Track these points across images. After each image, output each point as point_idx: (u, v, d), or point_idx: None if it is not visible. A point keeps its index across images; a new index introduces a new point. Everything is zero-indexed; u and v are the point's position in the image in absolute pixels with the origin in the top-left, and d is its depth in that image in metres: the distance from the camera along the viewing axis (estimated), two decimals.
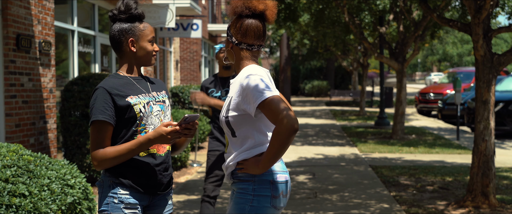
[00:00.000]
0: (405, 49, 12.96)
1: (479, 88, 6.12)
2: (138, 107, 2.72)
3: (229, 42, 2.81)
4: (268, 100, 2.56)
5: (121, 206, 2.69)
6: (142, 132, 2.73)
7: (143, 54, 2.80)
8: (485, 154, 6.06)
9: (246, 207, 2.69)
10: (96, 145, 2.66)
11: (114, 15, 2.79)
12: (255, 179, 2.69)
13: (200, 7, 19.29)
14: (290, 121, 2.51)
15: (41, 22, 7.35)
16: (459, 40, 55.53)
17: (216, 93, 4.97)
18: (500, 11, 12.05)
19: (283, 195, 2.71)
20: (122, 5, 2.77)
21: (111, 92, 2.67)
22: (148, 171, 2.74)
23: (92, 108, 2.67)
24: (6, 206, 3.84)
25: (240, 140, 2.72)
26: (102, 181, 2.75)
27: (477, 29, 5.99)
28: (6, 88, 6.61)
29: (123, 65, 2.82)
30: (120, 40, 2.77)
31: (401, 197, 6.69)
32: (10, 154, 4.22)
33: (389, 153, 10.60)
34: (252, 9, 2.74)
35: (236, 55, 2.81)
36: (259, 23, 2.77)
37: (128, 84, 2.75)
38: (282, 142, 2.54)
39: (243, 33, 2.75)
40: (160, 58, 15.86)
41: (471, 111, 13.90)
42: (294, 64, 37.57)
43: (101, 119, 2.64)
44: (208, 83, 5.08)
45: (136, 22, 2.79)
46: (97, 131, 2.65)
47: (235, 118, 2.70)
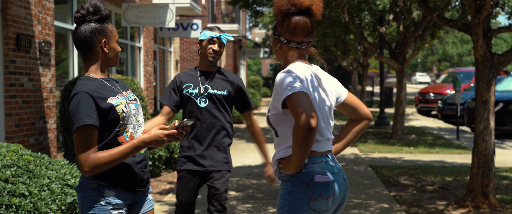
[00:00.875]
0: (405, 49, 12.96)
1: (479, 88, 6.12)
2: (120, 108, 2.71)
3: (278, 42, 2.77)
4: (290, 96, 2.51)
5: (108, 208, 2.68)
6: (123, 132, 2.72)
7: (113, 55, 2.79)
8: (485, 154, 6.06)
9: (284, 209, 2.64)
10: (85, 150, 2.59)
11: (82, 16, 2.73)
12: (292, 179, 2.63)
13: (200, 7, 19.29)
14: (306, 119, 2.43)
15: (41, 22, 7.35)
16: (459, 40, 55.52)
17: (193, 90, 3.99)
18: (500, 11, 12.05)
19: (324, 197, 2.60)
20: (91, 6, 2.73)
21: (93, 95, 2.64)
22: (131, 169, 2.74)
23: (74, 112, 2.60)
24: (6, 206, 3.84)
25: (280, 139, 2.70)
26: (84, 184, 2.71)
27: (477, 29, 5.99)
28: (6, 88, 6.61)
29: (92, 67, 2.76)
30: (92, 41, 2.72)
31: (401, 197, 6.69)
32: (10, 154, 4.22)
33: (389, 153, 10.60)
34: (298, 6, 2.69)
35: (284, 54, 2.77)
36: (306, 19, 2.72)
37: (104, 86, 2.73)
38: (299, 140, 2.47)
39: (291, 31, 2.71)
40: (160, 58, 15.86)
41: (471, 111, 13.90)
42: None
43: (89, 123, 2.59)
44: (185, 76, 4.07)
45: (104, 23, 2.77)
46: (85, 135, 2.60)
47: (273, 117, 2.68)
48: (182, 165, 3.99)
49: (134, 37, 12.58)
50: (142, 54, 12.89)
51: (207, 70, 4.06)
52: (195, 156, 3.95)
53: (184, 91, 4.00)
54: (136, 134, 2.78)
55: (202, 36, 4.02)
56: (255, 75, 60.71)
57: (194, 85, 4.00)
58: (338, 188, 2.66)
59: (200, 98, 3.97)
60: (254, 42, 40.71)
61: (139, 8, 10.98)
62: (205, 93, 3.97)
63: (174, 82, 4.07)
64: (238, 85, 4.08)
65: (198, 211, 6.01)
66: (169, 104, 3.98)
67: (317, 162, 2.63)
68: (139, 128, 2.81)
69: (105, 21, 2.77)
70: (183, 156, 4.00)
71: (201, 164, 3.95)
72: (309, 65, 2.74)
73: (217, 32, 4.03)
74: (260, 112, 22.39)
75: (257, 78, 34.41)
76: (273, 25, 2.80)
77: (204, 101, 3.96)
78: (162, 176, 8.30)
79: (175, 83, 4.06)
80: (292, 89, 2.52)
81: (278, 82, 2.60)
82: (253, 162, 9.55)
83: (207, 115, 3.95)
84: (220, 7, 28.97)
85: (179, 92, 4.03)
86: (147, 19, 11.07)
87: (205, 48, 4.01)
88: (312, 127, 2.44)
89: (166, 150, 8.16)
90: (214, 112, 3.96)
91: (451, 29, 41.48)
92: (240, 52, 35.43)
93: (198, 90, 3.98)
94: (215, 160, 3.95)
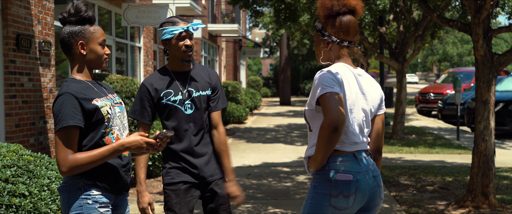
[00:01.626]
0: (405, 49, 12.96)
1: (479, 88, 6.12)
2: (105, 109, 2.74)
3: (326, 42, 2.82)
4: (323, 95, 2.60)
5: (96, 206, 2.70)
6: (109, 134, 2.75)
7: (94, 57, 2.79)
8: (485, 154, 6.06)
9: (307, 203, 2.76)
10: (65, 151, 2.62)
11: (64, 18, 2.77)
12: (317, 176, 2.75)
13: (200, 7, 19.29)
14: (332, 117, 2.53)
15: (41, 22, 7.35)
16: (459, 40, 55.52)
17: (175, 97, 3.40)
18: (500, 11, 12.05)
19: (344, 195, 2.67)
20: (72, 7, 2.76)
21: (77, 96, 2.67)
22: (116, 171, 2.78)
23: (58, 113, 2.63)
24: (6, 206, 3.84)
25: (312, 133, 2.79)
26: (68, 184, 2.73)
27: (477, 29, 5.99)
28: (6, 88, 6.61)
29: (75, 68, 2.80)
30: (69, 42, 2.75)
31: (401, 197, 6.69)
32: (10, 154, 4.22)
33: (389, 153, 10.60)
34: (348, 6, 2.78)
35: (335, 53, 2.83)
36: (354, 19, 2.81)
37: (89, 88, 2.76)
38: (324, 137, 2.57)
39: (345, 30, 2.79)
40: (160, 58, 15.85)
41: (471, 111, 13.90)
42: (294, 64, 37.57)
43: (73, 124, 2.62)
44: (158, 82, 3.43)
45: (86, 24, 2.78)
46: (67, 136, 2.62)
47: (309, 113, 2.78)
48: (176, 177, 3.41)
49: (134, 37, 12.57)
50: (142, 54, 12.89)
51: (182, 70, 3.45)
52: (190, 167, 3.41)
53: (164, 101, 3.38)
54: (121, 136, 2.82)
55: (167, 34, 3.36)
56: (255, 75, 60.71)
57: (175, 91, 3.40)
58: (362, 185, 2.72)
59: (185, 104, 3.40)
60: (254, 42, 40.71)
61: (139, 8, 10.98)
62: (189, 98, 3.41)
63: (145, 92, 3.40)
64: (216, 81, 3.53)
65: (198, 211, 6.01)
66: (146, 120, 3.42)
67: (342, 160, 2.71)
68: (124, 130, 2.85)
69: (87, 22, 2.79)
70: (174, 167, 3.42)
71: (200, 175, 3.42)
72: (352, 68, 2.81)
73: (183, 24, 3.38)
74: (260, 112, 22.38)
75: (257, 78, 34.41)
76: (318, 27, 2.83)
77: (190, 107, 3.41)
78: None
79: (147, 93, 3.40)
80: (326, 88, 2.61)
81: (316, 81, 2.68)
82: (253, 162, 9.55)
83: (195, 122, 3.41)
84: (220, 7, 28.96)
85: (156, 102, 3.40)
86: (147, 19, 11.07)
87: (175, 47, 3.36)
88: (337, 127, 2.53)
89: None
90: (199, 117, 3.42)
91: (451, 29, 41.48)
92: (240, 52, 35.43)
93: (181, 96, 3.40)
94: (213, 168, 3.47)
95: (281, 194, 6.98)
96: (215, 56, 26.99)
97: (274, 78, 40.08)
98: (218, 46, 27.80)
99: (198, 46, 20.70)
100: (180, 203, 3.39)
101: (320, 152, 2.63)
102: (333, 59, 2.82)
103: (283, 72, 27.10)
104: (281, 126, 16.32)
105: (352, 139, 2.74)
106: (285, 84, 26.98)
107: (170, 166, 3.43)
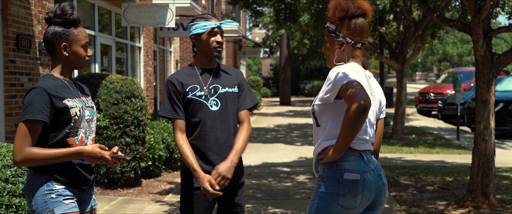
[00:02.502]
0: (405, 49, 12.96)
1: (479, 88, 6.12)
2: (74, 110, 2.80)
3: (340, 44, 2.85)
4: (347, 83, 2.61)
5: (60, 199, 2.75)
6: (74, 135, 2.81)
7: (75, 59, 2.86)
8: (485, 154, 6.06)
9: (314, 204, 2.76)
10: (23, 142, 2.68)
11: (49, 18, 2.83)
12: (324, 175, 2.75)
13: (200, 7, 19.29)
14: (361, 98, 2.53)
15: (41, 22, 7.35)
16: (459, 40, 55.52)
17: (200, 92, 3.31)
18: (500, 11, 12.05)
19: (352, 195, 2.69)
20: (58, 9, 2.81)
21: (49, 93, 2.73)
22: (76, 168, 2.83)
23: (28, 105, 2.70)
24: (6, 206, 3.84)
25: (321, 130, 2.80)
26: (31, 183, 2.78)
27: (477, 29, 5.99)
28: (6, 88, 6.61)
29: (56, 67, 2.87)
30: (53, 43, 2.82)
31: (401, 197, 6.69)
32: (10, 154, 4.22)
33: (389, 153, 10.60)
34: (362, 9, 2.83)
35: (347, 55, 2.85)
36: (366, 21, 2.86)
37: (64, 87, 2.82)
38: (351, 120, 2.55)
39: (359, 32, 2.83)
40: (160, 58, 15.85)
41: (471, 111, 13.90)
42: (294, 64, 37.57)
43: (39, 118, 2.68)
44: (184, 77, 3.34)
45: (71, 27, 2.84)
46: (29, 128, 2.69)
47: (319, 107, 2.79)
48: (195, 182, 3.29)
49: (134, 37, 12.57)
50: (142, 54, 12.89)
51: (208, 67, 3.39)
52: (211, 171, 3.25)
53: (190, 95, 3.28)
54: (86, 140, 2.87)
55: (198, 29, 3.30)
56: (255, 75, 60.69)
57: (200, 87, 3.31)
58: (369, 184, 2.73)
59: (210, 101, 3.30)
60: (254, 42, 40.72)
61: (139, 8, 10.98)
62: (215, 94, 3.32)
63: (172, 87, 3.31)
64: (242, 79, 3.47)
65: None
66: (180, 116, 3.29)
67: (349, 160, 2.73)
68: (90, 134, 2.91)
69: (71, 25, 2.84)
70: None
71: None
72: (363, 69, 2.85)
73: (215, 20, 3.34)
74: (260, 112, 22.38)
75: (257, 78, 34.42)
76: (332, 29, 2.85)
77: (216, 104, 3.30)
78: (162, 176, 8.30)
79: (174, 88, 3.31)
80: (347, 78, 2.63)
81: (332, 75, 2.70)
82: (253, 162, 9.55)
83: (220, 120, 3.29)
84: (220, 7, 28.97)
85: (182, 97, 3.30)
86: (147, 19, 11.07)
87: (206, 42, 3.30)
88: (367, 107, 2.53)
89: (166, 150, 8.15)
90: (226, 114, 3.31)
91: (451, 29, 41.49)
92: (240, 52, 35.43)
93: (206, 92, 3.31)
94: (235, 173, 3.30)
95: (281, 194, 6.98)
96: None
97: (274, 78, 40.08)
98: None
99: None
100: (199, 207, 3.29)
101: (344, 136, 2.61)
102: (346, 60, 2.85)
103: (283, 72, 27.11)
104: (281, 126, 16.32)
105: (364, 136, 2.78)
106: (285, 84, 26.98)
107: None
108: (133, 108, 7.02)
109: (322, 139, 2.79)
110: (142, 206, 6.38)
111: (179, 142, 3.25)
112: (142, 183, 7.71)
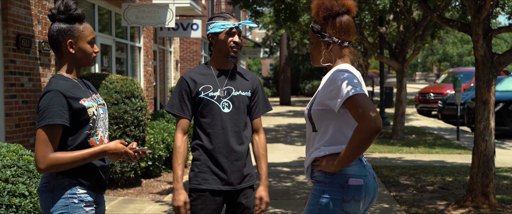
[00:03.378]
0: (405, 49, 12.96)
1: (479, 88, 6.12)
2: (91, 110, 2.73)
3: (327, 44, 2.76)
4: (356, 96, 2.53)
5: (82, 205, 2.70)
6: (94, 135, 2.75)
7: (82, 56, 2.77)
8: (485, 154, 6.06)
9: (315, 209, 2.67)
10: (45, 148, 2.60)
11: (53, 14, 2.73)
12: (326, 181, 2.67)
13: (200, 7, 19.29)
14: (374, 120, 2.48)
15: (41, 22, 7.35)
16: (459, 40, 55.52)
17: (213, 92, 3.27)
18: (500, 11, 12.04)
19: (356, 200, 2.64)
20: (62, 5, 2.72)
21: (66, 95, 2.64)
22: (99, 171, 2.79)
23: (45, 109, 2.60)
24: (6, 206, 3.84)
25: (319, 135, 2.71)
26: (51, 184, 2.70)
27: (477, 29, 5.99)
28: (6, 88, 6.61)
29: (63, 66, 2.77)
30: (58, 40, 2.73)
31: (401, 197, 6.69)
32: (10, 154, 4.22)
33: (389, 153, 10.60)
34: (346, 6, 2.75)
35: (335, 55, 2.78)
36: (351, 18, 2.78)
37: (77, 87, 2.74)
38: (362, 140, 2.50)
39: (345, 30, 2.75)
40: (160, 58, 15.86)
41: (471, 111, 13.90)
42: (294, 64, 37.58)
43: (59, 122, 2.60)
44: (198, 76, 3.30)
45: (75, 23, 2.75)
46: (51, 134, 2.60)
47: (317, 112, 2.70)
48: (203, 183, 3.25)
49: (134, 37, 12.57)
50: (142, 54, 12.89)
51: (224, 68, 3.34)
52: (219, 170, 3.26)
53: (202, 95, 3.25)
54: (104, 138, 2.82)
55: (216, 28, 3.26)
56: None
57: (214, 87, 3.27)
58: (369, 188, 2.70)
59: (223, 102, 3.27)
60: (254, 42, 40.73)
61: (139, 8, 10.98)
62: (228, 96, 3.28)
63: (185, 85, 3.27)
64: (257, 84, 3.42)
65: None
66: (186, 115, 3.27)
67: (351, 165, 2.67)
68: (105, 132, 2.85)
69: (75, 21, 2.75)
70: (202, 172, 3.27)
71: (230, 182, 3.27)
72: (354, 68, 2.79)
73: (234, 20, 3.30)
74: None
75: None
76: (317, 29, 2.78)
77: (228, 106, 3.27)
78: (162, 176, 8.30)
79: (187, 86, 3.27)
80: (355, 90, 2.55)
81: (336, 80, 2.61)
82: (253, 162, 9.54)
83: (231, 122, 3.27)
84: (220, 7, 28.97)
85: (194, 96, 3.27)
86: (147, 19, 11.06)
87: (224, 42, 3.26)
88: (380, 129, 2.49)
89: (166, 150, 8.15)
90: (237, 117, 3.28)
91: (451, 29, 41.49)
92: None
93: (219, 93, 3.27)
94: (244, 175, 3.32)
95: (281, 194, 6.98)
96: None
97: (274, 78, 40.08)
98: None
99: (198, 46, 20.70)
100: (206, 209, 3.26)
101: (351, 154, 2.54)
102: (333, 60, 2.77)
103: (283, 72, 27.11)
104: (281, 125, 16.32)
105: None
106: (285, 84, 26.98)
107: (198, 170, 3.28)
108: (133, 108, 7.02)
109: (320, 144, 2.70)
110: (142, 206, 6.38)
111: (177, 143, 3.26)
112: (142, 183, 7.72)
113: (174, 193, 3.22)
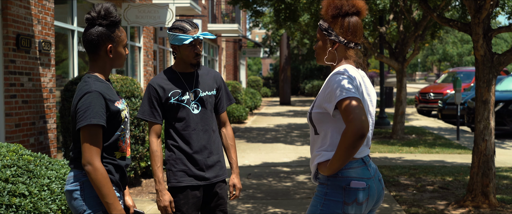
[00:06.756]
0: (405, 49, 12.96)
1: (479, 88, 6.12)
2: (124, 113, 2.78)
3: (333, 43, 2.75)
4: (344, 100, 2.52)
5: None
6: (122, 137, 2.80)
7: (118, 59, 2.83)
8: (485, 153, 6.06)
9: (317, 209, 2.67)
10: (95, 151, 2.62)
11: (92, 18, 2.75)
12: (328, 183, 2.66)
13: (200, 7, 19.28)
14: (359, 124, 2.45)
15: (41, 22, 7.35)
16: (459, 40, 55.56)
17: (183, 96, 3.46)
18: (500, 11, 12.05)
19: (358, 203, 2.62)
20: (103, 9, 2.74)
21: (105, 97, 2.67)
22: (123, 170, 2.85)
23: (87, 109, 2.61)
24: (6, 206, 3.84)
25: (320, 139, 2.71)
26: (82, 183, 2.70)
27: (477, 29, 5.99)
28: (6, 88, 6.61)
29: (98, 68, 2.79)
30: (98, 44, 2.75)
31: (401, 197, 6.69)
32: (10, 154, 4.22)
33: (389, 152, 10.60)
34: (356, 7, 2.74)
35: (340, 55, 2.76)
36: (360, 20, 2.77)
37: (110, 89, 2.77)
38: (347, 145, 2.48)
39: (353, 31, 2.73)
40: (160, 58, 15.85)
41: (471, 110, 13.90)
42: (294, 64, 37.59)
43: (102, 123, 2.62)
44: (165, 82, 3.48)
45: (115, 28, 2.78)
46: (95, 134, 2.62)
47: (317, 115, 2.69)
48: (182, 181, 3.46)
49: (134, 37, 12.58)
50: (142, 54, 12.89)
51: (189, 71, 3.53)
52: (195, 168, 3.47)
53: (172, 100, 3.43)
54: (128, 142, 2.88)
55: (176, 41, 3.41)
56: (255, 75, 60.71)
57: (183, 91, 3.46)
58: (373, 191, 2.68)
59: (192, 104, 3.47)
60: (254, 42, 40.73)
61: (139, 8, 10.98)
62: (196, 98, 3.49)
63: (153, 92, 3.43)
64: (220, 82, 3.64)
65: None
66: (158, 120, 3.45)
67: (354, 167, 2.65)
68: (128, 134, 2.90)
69: (115, 26, 2.78)
70: (180, 170, 3.47)
71: (205, 177, 3.48)
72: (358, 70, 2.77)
73: (193, 31, 3.44)
74: (260, 112, 22.38)
75: (257, 78, 34.42)
76: (324, 26, 2.77)
77: (197, 107, 3.48)
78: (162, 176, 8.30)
79: (156, 93, 3.43)
80: (347, 93, 2.53)
81: (332, 83, 2.60)
82: (253, 162, 9.55)
83: (201, 122, 3.48)
84: (220, 7, 28.97)
85: (164, 102, 3.44)
86: (147, 19, 11.07)
87: (185, 53, 3.44)
88: (364, 134, 2.47)
89: None
90: (206, 116, 3.50)
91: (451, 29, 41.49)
92: (240, 52, 35.44)
93: (188, 96, 3.46)
94: (217, 169, 3.55)
95: (281, 194, 6.98)
96: (215, 56, 27.00)
97: (274, 78, 40.08)
98: (218, 46, 27.80)
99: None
100: (188, 203, 3.46)
101: (340, 158, 2.54)
102: (336, 60, 2.76)
103: (283, 72, 27.11)
104: (281, 125, 16.32)
105: (366, 143, 2.73)
106: (285, 84, 26.98)
107: (175, 168, 3.47)
108: (133, 107, 7.03)
109: (322, 148, 2.70)
110: (142, 206, 6.38)
111: (154, 147, 3.45)
112: (142, 183, 7.72)
113: (159, 194, 3.41)
